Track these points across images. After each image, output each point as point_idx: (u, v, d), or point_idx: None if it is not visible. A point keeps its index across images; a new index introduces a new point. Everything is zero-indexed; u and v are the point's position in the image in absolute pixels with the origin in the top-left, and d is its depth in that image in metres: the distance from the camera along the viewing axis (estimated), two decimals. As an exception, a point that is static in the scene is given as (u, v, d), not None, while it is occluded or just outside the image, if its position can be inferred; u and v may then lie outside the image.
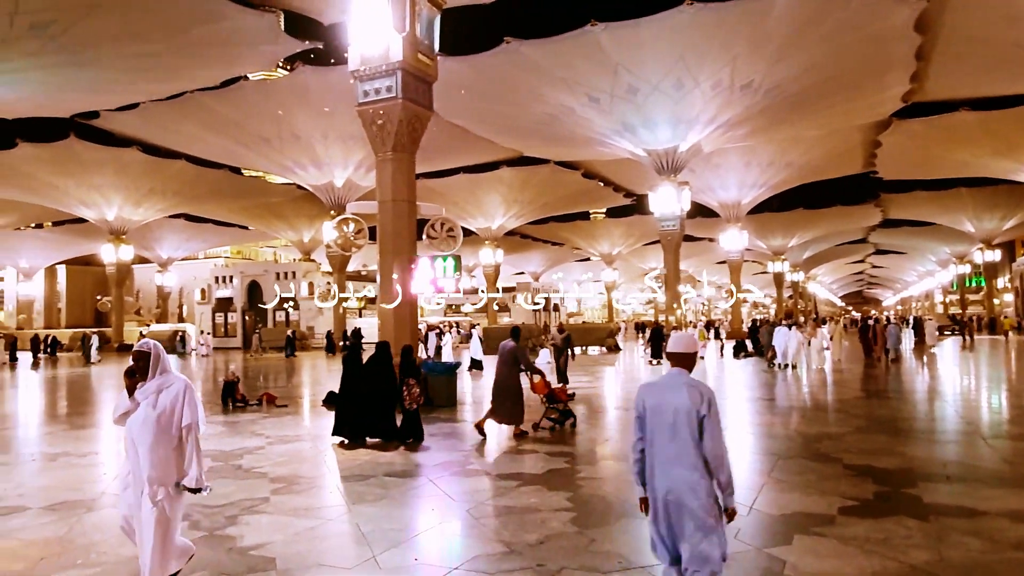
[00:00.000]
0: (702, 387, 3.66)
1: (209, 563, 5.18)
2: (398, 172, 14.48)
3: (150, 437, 4.24)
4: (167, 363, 4.46)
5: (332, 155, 34.75)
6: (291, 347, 35.02)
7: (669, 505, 3.60)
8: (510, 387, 10.67)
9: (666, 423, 3.62)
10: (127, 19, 21.31)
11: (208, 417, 13.12)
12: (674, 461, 3.59)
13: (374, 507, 6.76)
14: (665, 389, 3.72)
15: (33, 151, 35.40)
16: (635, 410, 3.82)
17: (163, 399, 4.34)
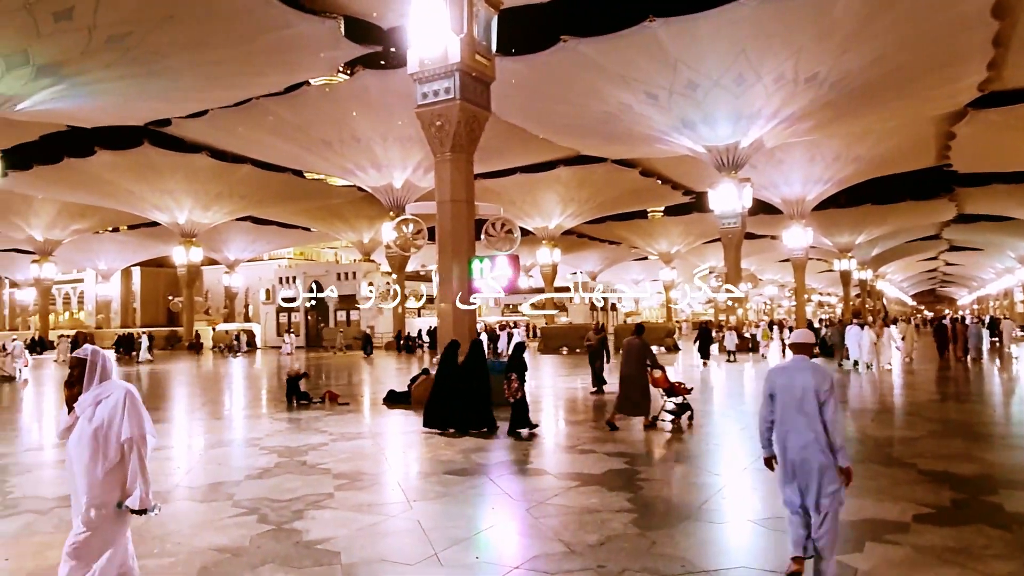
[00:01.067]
0: (824, 369, 4.66)
1: (277, 556, 5.33)
2: (456, 173, 14.60)
3: (86, 455, 3.75)
4: (109, 371, 3.96)
5: (391, 157, 35.30)
6: (369, 346, 36.00)
7: (797, 463, 4.54)
8: (637, 381, 11.19)
9: (795, 398, 4.56)
10: (197, 29, 22.09)
11: (273, 414, 13.63)
12: (803, 428, 4.51)
13: (435, 504, 6.84)
14: (793, 371, 4.68)
15: (110, 158, 37.10)
16: (766, 388, 4.74)
17: (100, 411, 3.83)
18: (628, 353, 11.51)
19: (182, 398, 18.45)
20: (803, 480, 4.51)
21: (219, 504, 6.90)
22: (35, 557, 5.44)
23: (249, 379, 24.04)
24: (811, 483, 4.49)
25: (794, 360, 4.78)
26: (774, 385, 4.70)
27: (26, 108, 24.23)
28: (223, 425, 12.91)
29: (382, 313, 45.77)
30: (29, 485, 8.02)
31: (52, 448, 10.64)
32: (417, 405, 14.14)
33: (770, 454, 4.80)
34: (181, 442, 11.26)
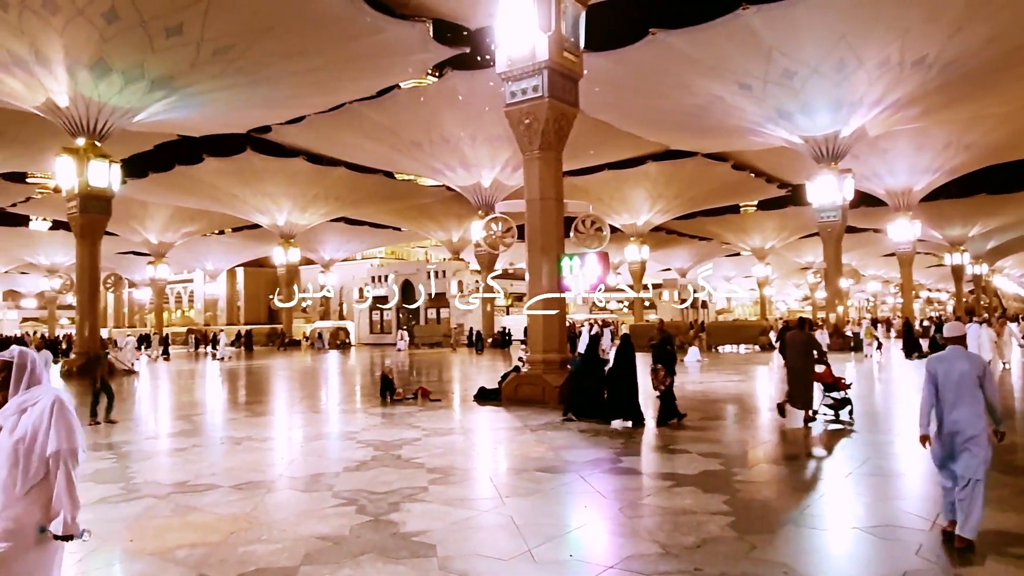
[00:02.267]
0: (977, 356, 5.61)
1: (376, 546, 5.48)
2: (545, 170, 14.62)
3: (4, 470, 3.22)
4: (40, 375, 3.44)
5: (479, 156, 35.73)
6: (480, 343, 37.66)
7: (950, 436, 5.37)
8: (803, 375, 11.31)
9: (954, 382, 5.39)
10: (295, 39, 23.04)
11: (368, 409, 14.04)
12: (959, 407, 5.35)
13: (526, 501, 6.86)
14: (952, 360, 5.49)
15: (216, 165, 39.26)
16: (928, 376, 5.53)
17: (24, 421, 3.29)
18: (794, 346, 11.66)
19: (281, 392, 19.29)
20: (958, 449, 5.30)
21: (320, 495, 7.16)
22: (155, 539, 5.80)
23: (344, 375, 24.86)
24: (963, 452, 5.29)
25: (951, 350, 5.60)
26: (935, 372, 5.50)
27: (142, 120, 25.95)
28: (320, 419, 13.41)
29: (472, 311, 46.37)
30: (148, 471, 8.59)
31: (167, 437, 11.35)
32: (508, 402, 14.29)
33: (927, 432, 5.48)
34: (281, 434, 11.78)
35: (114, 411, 13.11)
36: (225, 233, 63.52)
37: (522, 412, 12.99)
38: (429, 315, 51.05)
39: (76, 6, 19.58)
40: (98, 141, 24.66)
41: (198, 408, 15.72)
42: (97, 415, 12.73)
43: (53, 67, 21.87)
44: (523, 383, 14.56)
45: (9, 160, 34.61)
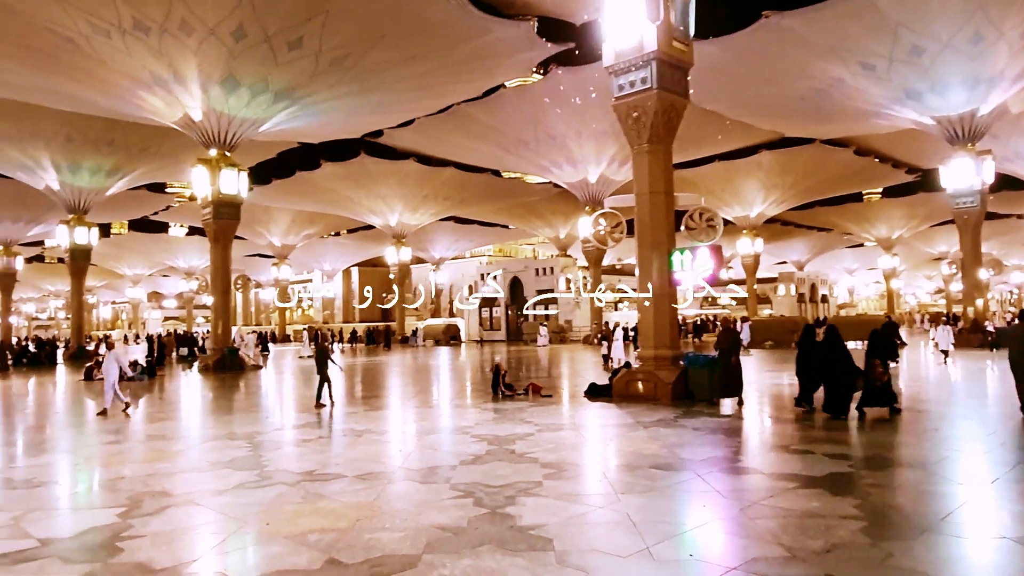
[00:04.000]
0: None
1: (493, 538, 5.58)
2: (655, 164, 14.36)
3: None
4: None
5: (586, 152, 35.56)
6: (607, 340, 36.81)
7: None
8: None
9: None
10: (405, 45, 23.75)
11: (480, 404, 14.29)
12: None
13: (642, 498, 6.77)
14: None
15: (332, 169, 41.14)
16: None
17: None
18: (1017, 340, 11.33)
19: (395, 388, 19.95)
20: None
21: (438, 486, 7.35)
22: (288, 523, 6.15)
23: (455, 371, 25.41)
24: None
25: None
26: None
27: (266, 130, 27.56)
28: (434, 413, 13.77)
29: (579, 307, 46.27)
30: (279, 460, 9.11)
31: (291, 429, 12.00)
32: (619, 398, 14.16)
33: None
34: (398, 428, 12.19)
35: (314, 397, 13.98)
36: (341, 235, 66.49)
37: (633, 408, 12.83)
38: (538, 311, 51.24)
39: (208, 26, 21.03)
40: (228, 151, 26.40)
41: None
42: (322, 399, 14.39)
43: (189, 84, 23.59)
44: (634, 379, 14.37)
45: (152, 172, 37.63)
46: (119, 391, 14.37)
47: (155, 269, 76.67)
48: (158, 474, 8.37)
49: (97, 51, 21.72)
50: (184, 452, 9.95)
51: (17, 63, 22.88)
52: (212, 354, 27.30)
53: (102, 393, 18.97)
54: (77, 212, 36.37)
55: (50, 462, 9.73)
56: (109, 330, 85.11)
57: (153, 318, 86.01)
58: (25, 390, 21.28)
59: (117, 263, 72.82)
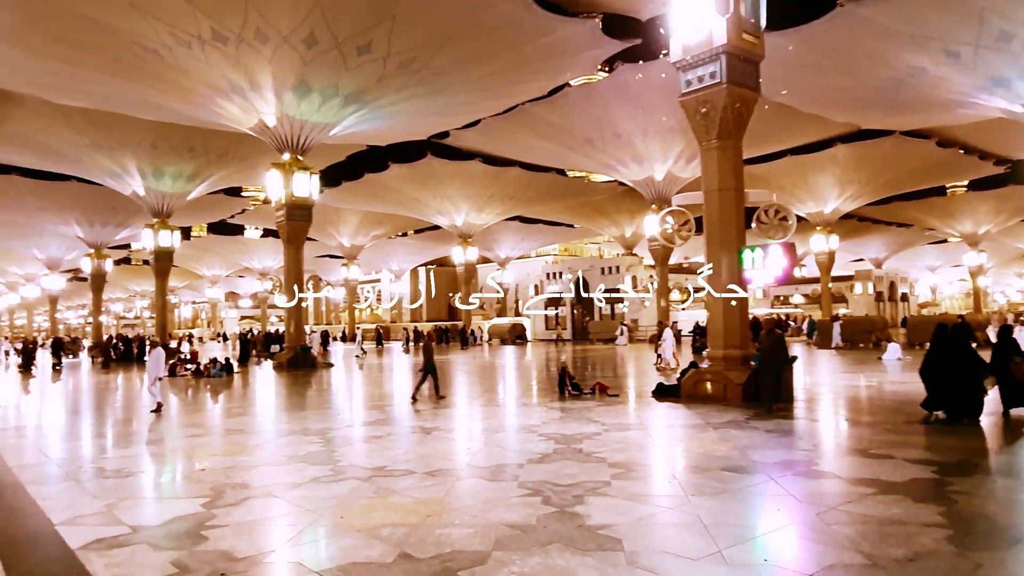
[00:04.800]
0: None
1: (562, 537, 5.58)
2: (724, 160, 14.07)
3: None
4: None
5: (652, 150, 35.09)
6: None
7: None
8: None
9: None
10: (471, 47, 23.95)
11: (546, 403, 14.30)
12: None
13: (713, 501, 6.65)
14: None
15: (400, 171, 41.85)
16: None
17: None
18: None
19: (462, 386, 20.15)
20: None
21: (506, 484, 7.40)
22: (361, 517, 6.30)
23: (520, 370, 25.50)
24: None
25: None
26: None
27: (336, 133, 28.27)
28: (501, 412, 13.86)
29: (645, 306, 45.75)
30: (351, 455, 9.34)
31: (361, 425, 12.28)
32: (687, 399, 13.94)
33: None
34: (466, 426, 12.32)
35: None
36: (408, 235, 67.57)
37: (702, 409, 12.61)
38: (603, 311, 50.97)
39: (282, 35, 21.71)
40: (300, 155, 27.21)
41: (388, 399, 16.88)
42: (427, 392, 15.39)
43: (263, 91, 24.42)
44: (703, 380, 14.12)
45: (229, 177, 39.13)
46: (155, 390, 14.65)
47: (232, 270, 79.75)
48: (238, 467, 8.70)
49: (179, 62, 22.73)
50: (261, 446, 10.32)
51: (109, 76, 24.16)
52: (285, 352, 28.19)
53: (184, 389, 19.92)
54: (161, 216, 38.16)
55: (138, 453, 10.25)
56: (190, 328, 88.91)
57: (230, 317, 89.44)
58: (115, 385, 22.46)
59: (197, 264, 76.07)
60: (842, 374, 19.93)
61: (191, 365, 24.78)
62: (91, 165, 35.20)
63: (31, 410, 16.68)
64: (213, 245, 71.72)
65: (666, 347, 22.48)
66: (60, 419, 14.68)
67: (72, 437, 11.98)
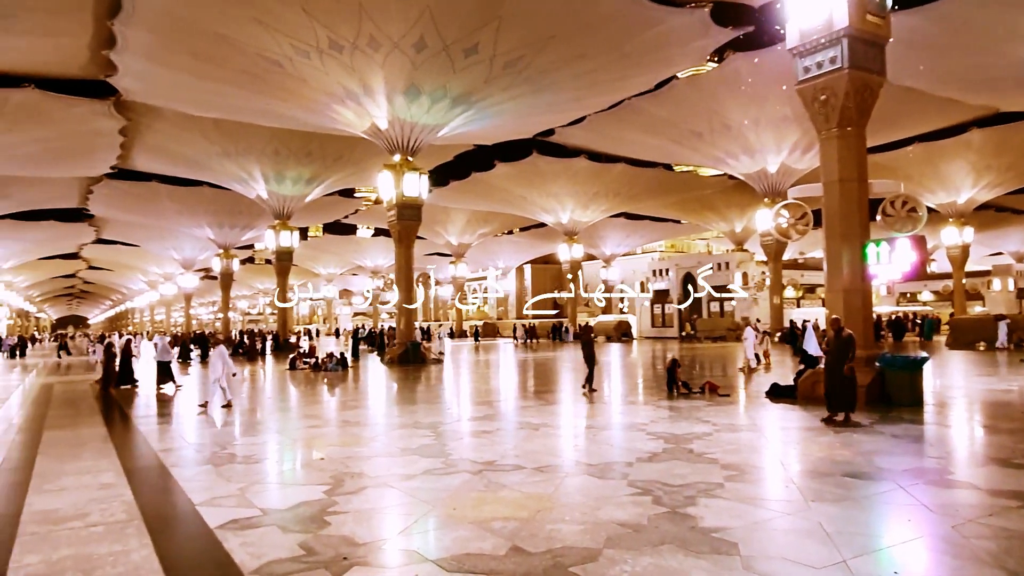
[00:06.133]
0: None
1: (675, 538, 5.48)
2: (845, 149, 13.34)
3: None
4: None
5: (764, 141, 33.80)
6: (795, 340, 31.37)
7: None
8: None
9: None
10: (576, 44, 23.88)
11: (654, 401, 14.07)
12: None
13: (835, 507, 6.33)
14: None
15: (505, 170, 42.32)
16: None
17: None
18: None
19: (567, 383, 20.14)
20: None
21: (615, 482, 7.35)
22: (473, 509, 6.43)
23: (626, 368, 25.20)
24: None
25: None
26: None
27: (444, 134, 28.94)
28: (608, 409, 13.75)
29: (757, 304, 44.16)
30: (462, 449, 9.54)
31: (470, 420, 12.51)
32: (804, 400, 13.34)
33: None
34: (573, 423, 12.32)
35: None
36: (514, 233, 68.25)
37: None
38: (712, 308, 49.58)
39: (393, 41, 22.45)
40: (410, 156, 28.06)
41: (496, 395, 17.15)
42: (593, 384, 16.15)
43: (376, 96, 25.35)
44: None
45: (343, 179, 40.92)
46: (224, 385, 14.74)
47: (345, 268, 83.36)
48: (355, 457, 9.09)
49: (299, 71, 23.96)
50: (376, 438, 10.72)
51: (236, 87, 25.83)
52: (396, 348, 29.15)
53: (304, 382, 20.98)
54: (282, 218, 40.43)
55: (264, 441, 10.92)
56: (307, 324, 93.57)
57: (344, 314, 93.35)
58: (242, 377, 23.97)
59: (314, 263, 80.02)
60: (977, 377, 18.48)
61: (309, 359, 26.04)
62: (220, 171, 37.76)
63: (177, 398, 18.07)
64: (328, 244, 75.21)
65: (747, 346, 21.66)
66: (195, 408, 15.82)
67: (207, 424, 12.90)
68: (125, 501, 6.96)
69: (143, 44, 22.29)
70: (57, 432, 11.66)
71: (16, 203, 44.81)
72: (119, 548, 5.51)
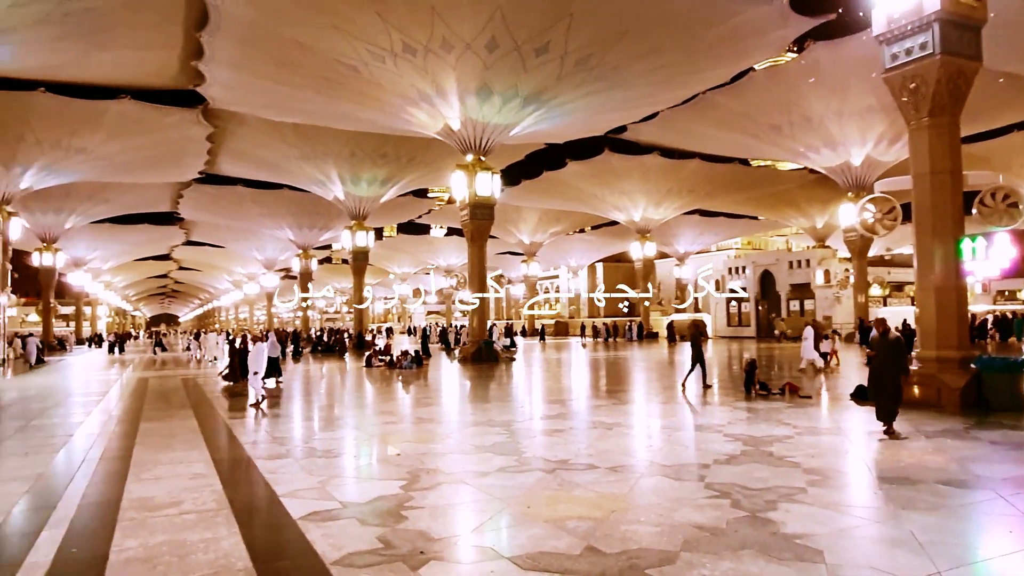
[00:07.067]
0: None
1: (755, 543, 5.33)
2: (937, 140, 12.66)
3: None
4: None
5: (847, 133, 32.46)
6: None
7: None
8: None
9: None
10: (647, 38, 23.53)
11: (731, 403, 13.73)
12: None
13: (928, 516, 6.02)
14: None
15: (577, 168, 42.14)
16: None
17: None
18: None
19: (641, 382, 19.89)
20: None
21: (692, 484, 7.20)
22: (547, 508, 6.43)
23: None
24: None
25: None
26: None
27: (516, 134, 29.04)
28: (683, 410, 13.50)
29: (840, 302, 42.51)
30: (535, 447, 9.55)
31: (542, 419, 12.50)
32: (892, 403, 12.73)
33: None
34: (647, 423, 12.16)
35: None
36: (586, 231, 67.87)
37: (911, 416, 11.43)
38: (792, 307, 48.03)
39: (465, 42, 22.68)
40: (482, 156, 28.29)
41: (568, 394, 17.10)
42: (707, 380, 16.47)
43: (448, 97, 25.66)
44: (912, 383, 12.83)
45: (417, 180, 41.65)
46: (259, 384, 14.68)
47: (419, 267, 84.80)
48: (430, 453, 9.23)
49: (374, 75, 24.51)
50: (450, 435, 10.86)
51: (314, 93, 26.65)
52: (469, 346, 29.45)
53: (379, 379, 21.44)
54: (358, 218, 41.47)
55: (343, 436, 11.22)
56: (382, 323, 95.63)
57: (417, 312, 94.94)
58: (321, 374, 24.70)
59: (388, 263, 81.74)
60: None
61: (384, 357, 26.61)
62: (300, 174, 39.05)
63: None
64: (402, 244, 76.69)
65: (805, 346, 20.76)
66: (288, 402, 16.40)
67: (290, 419, 13.34)
68: (215, 491, 7.27)
69: (228, 54, 23.26)
70: (152, 424, 12.31)
71: (115, 208, 47.65)
72: (210, 535, 5.76)
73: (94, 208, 46.65)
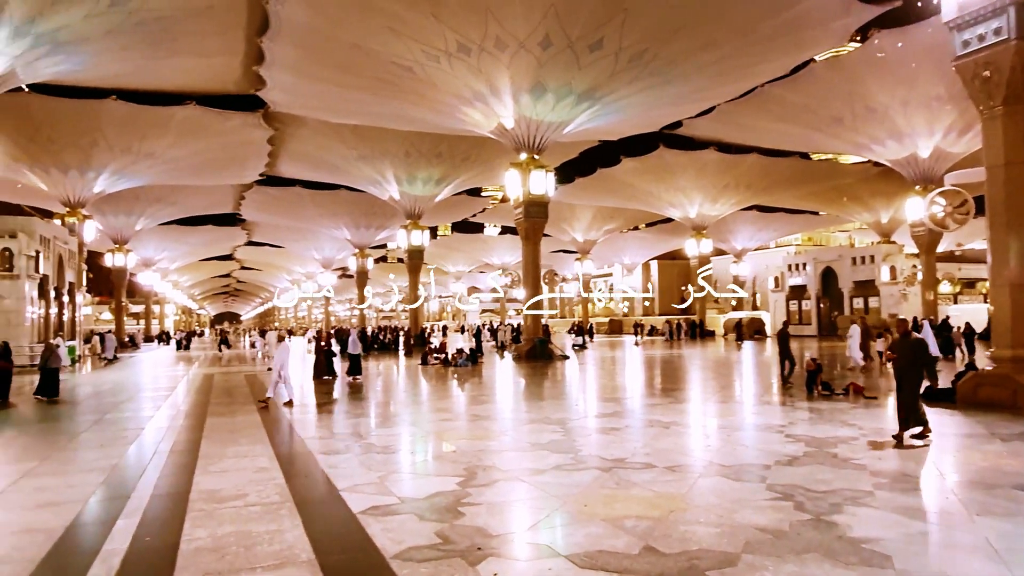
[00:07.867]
0: None
1: (819, 546, 5.19)
2: (1012, 129, 12.10)
3: None
4: None
5: (914, 124, 31.26)
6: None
7: None
8: None
9: None
10: (703, 32, 23.14)
11: (792, 403, 13.40)
12: None
13: (1005, 523, 5.77)
14: None
15: (631, 164, 41.71)
16: None
17: None
18: None
19: (697, 381, 19.59)
20: None
21: (753, 485, 7.06)
22: (604, 507, 6.39)
23: (760, 366, 24.16)
24: None
25: None
26: None
27: (569, 131, 28.94)
28: (743, 409, 13.24)
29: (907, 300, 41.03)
30: (591, 446, 9.51)
31: (597, 417, 12.43)
32: (964, 405, 12.28)
33: None
34: (705, 422, 11.96)
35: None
36: (640, 228, 67.16)
37: (984, 418, 11.00)
38: (855, 304, 46.60)
39: (519, 40, 22.71)
40: (536, 154, 28.29)
41: (623, 392, 16.96)
42: (788, 377, 17.10)
43: (502, 96, 25.74)
44: (985, 383, 12.33)
45: (471, 179, 41.91)
46: (286, 382, 14.56)
47: (473, 266, 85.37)
48: (486, 450, 9.29)
49: (429, 76, 24.76)
50: (506, 432, 10.90)
51: (371, 95, 27.10)
52: (524, 344, 29.50)
53: (435, 377, 21.67)
54: (413, 217, 42.00)
55: (400, 433, 11.39)
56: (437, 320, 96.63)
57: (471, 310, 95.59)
58: (378, 371, 25.11)
59: (443, 261, 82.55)
60: None
61: (440, 355, 26.88)
62: (357, 175, 39.76)
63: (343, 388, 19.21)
64: (456, 243, 77.27)
65: (851, 344, 20.02)
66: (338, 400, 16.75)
67: (347, 415, 13.61)
68: (278, 484, 7.48)
69: (288, 58, 23.85)
70: (218, 419, 12.72)
71: (181, 210, 49.43)
72: (274, 527, 5.93)
73: (162, 210, 48.51)
